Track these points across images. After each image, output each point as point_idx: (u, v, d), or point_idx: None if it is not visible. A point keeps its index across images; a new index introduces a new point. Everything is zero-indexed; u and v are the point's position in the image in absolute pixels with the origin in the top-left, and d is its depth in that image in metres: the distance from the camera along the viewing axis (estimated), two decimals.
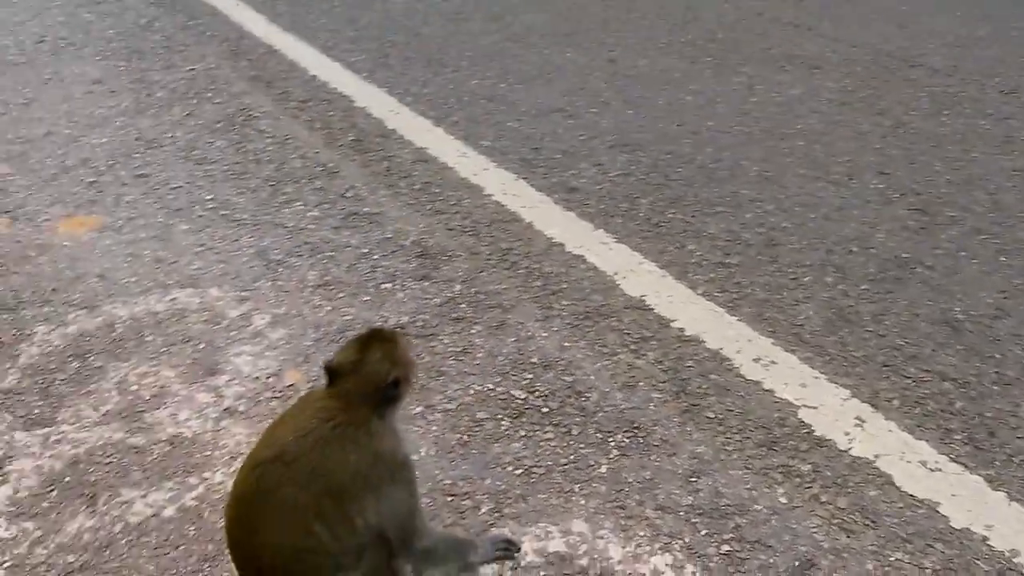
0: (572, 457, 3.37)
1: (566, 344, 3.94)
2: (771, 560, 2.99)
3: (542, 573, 2.92)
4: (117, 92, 6.25)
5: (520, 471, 3.30)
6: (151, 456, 3.33)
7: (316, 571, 2.48)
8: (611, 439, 3.46)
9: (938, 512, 3.18)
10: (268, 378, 3.71)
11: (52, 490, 3.18)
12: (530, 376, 3.75)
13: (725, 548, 3.03)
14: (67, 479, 3.23)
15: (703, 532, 3.08)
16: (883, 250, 4.61)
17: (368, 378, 2.54)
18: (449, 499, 3.18)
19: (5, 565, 2.89)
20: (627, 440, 3.45)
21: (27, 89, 6.26)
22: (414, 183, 5.19)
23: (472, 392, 3.66)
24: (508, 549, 2.97)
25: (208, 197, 5.00)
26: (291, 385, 3.67)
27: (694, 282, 4.36)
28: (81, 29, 7.39)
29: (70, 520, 3.07)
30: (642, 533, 3.07)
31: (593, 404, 3.62)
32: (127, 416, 3.50)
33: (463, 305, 4.17)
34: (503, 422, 3.52)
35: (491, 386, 3.70)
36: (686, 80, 6.63)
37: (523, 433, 3.47)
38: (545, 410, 3.59)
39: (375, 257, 4.50)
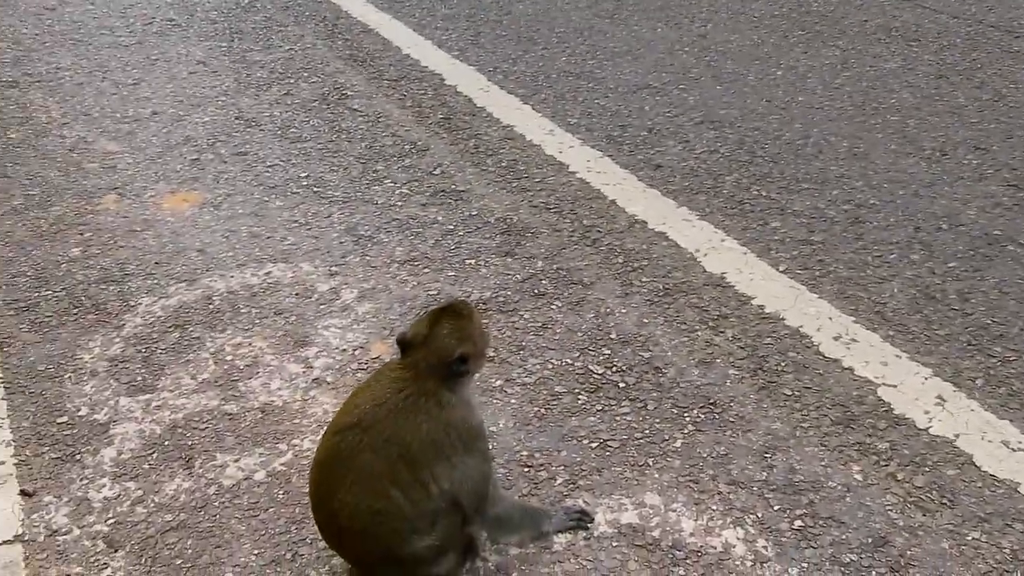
0: (647, 431, 3.43)
1: (645, 320, 3.99)
2: (844, 536, 3.01)
3: (614, 544, 2.99)
4: (219, 72, 6.48)
5: (596, 444, 3.38)
6: (244, 423, 3.50)
7: (392, 534, 2.61)
8: (687, 414, 3.50)
9: (1019, 492, 3.15)
10: (355, 350, 3.85)
11: (152, 453, 3.38)
12: (608, 351, 3.81)
13: (798, 523, 3.06)
14: (166, 443, 3.42)
15: (776, 507, 3.11)
16: (974, 227, 4.53)
17: (436, 352, 2.64)
18: (525, 470, 3.27)
19: (108, 522, 3.09)
20: (703, 416, 3.50)
21: (135, 70, 6.53)
22: (501, 160, 5.27)
23: (551, 366, 3.74)
24: (582, 519, 3.05)
25: (302, 174, 5.17)
26: (377, 357, 3.80)
27: (776, 260, 4.35)
28: (187, 11, 7.65)
29: (168, 481, 3.25)
30: (715, 507, 3.12)
31: (670, 380, 3.66)
32: (222, 384, 3.68)
33: (544, 281, 4.25)
34: (580, 396, 3.60)
35: (569, 361, 3.77)
36: (777, 54, 6.56)
37: (600, 407, 3.54)
38: (622, 385, 3.65)
39: (460, 233, 4.60)
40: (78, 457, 3.35)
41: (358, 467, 2.56)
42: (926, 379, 3.64)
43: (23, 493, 3.19)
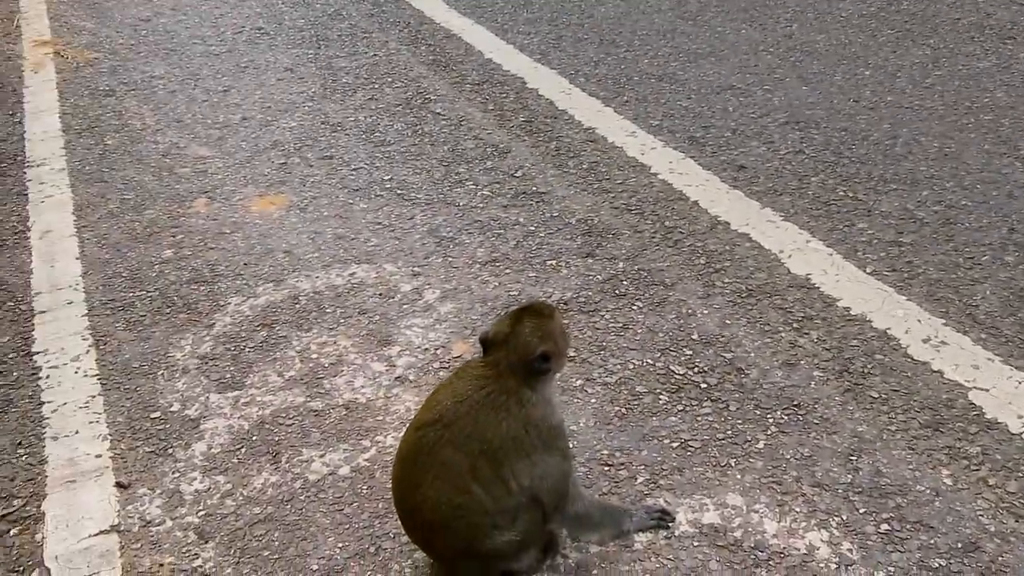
0: (729, 432, 3.40)
1: (727, 322, 3.95)
2: (932, 541, 2.94)
3: (696, 544, 2.98)
4: (305, 78, 6.61)
5: (677, 444, 3.36)
6: (328, 419, 3.57)
7: (474, 529, 2.64)
8: (770, 416, 3.47)
9: None
10: (436, 349, 3.90)
11: (241, 448, 3.46)
12: (690, 352, 3.79)
13: (884, 527, 3.00)
14: (254, 438, 3.50)
15: (861, 510, 3.06)
16: None
17: (517, 351, 2.66)
18: (606, 469, 3.27)
19: (199, 514, 3.18)
20: (786, 417, 3.45)
21: (225, 77, 6.69)
22: (582, 162, 5.28)
23: (632, 366, 3.74)
24: (663, 519, 3.04)
25: (386, 177, 5.25)
26: (458, 356, 3.84)
27: (863, 261, 4.28)
28: (275, 19, 7.82)
29: (256, 475, 3.33)
30: (798, 509, 3.08)
31: (752, 381, 3.63)
32: (308, 382, 3.76)
33: (625, 282, 4.24)
34: (661, 396, 3.58)
35: (651, 361, 3.76)
36: (865, 54, 6.44)
37: (681, 407, 3.52)
38: (704, 385, 3.62)
39: (541, 235, 4.62)
40: (170, 451, 3.45)
41: (440, 462, 2.60)
42: (1020, 383, 3.54)
43: (118, 485, 3.30)
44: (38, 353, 3.97)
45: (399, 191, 5.10)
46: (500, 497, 2.62)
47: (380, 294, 4.26)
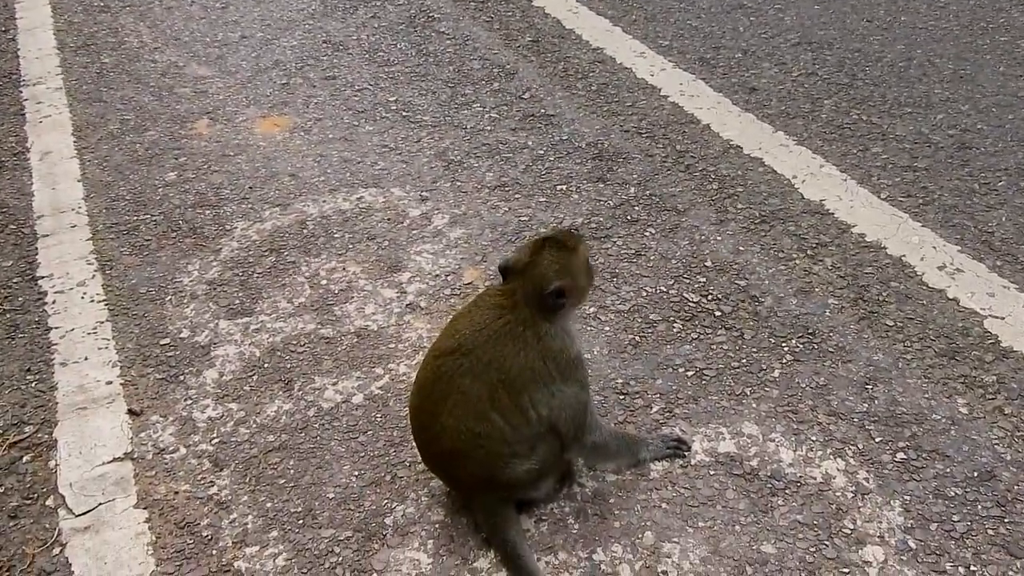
0: (744, 361, 3.38)
1: (741, 248, 3.91)
2: (948, 470, 2.94)
3: (712, 473, 2.98)
4: None
5: (692, 373, 3.34)
6: (340, 347, 3.54)
7: (492, 457, 2.63)
8: (785, 344, 3.44)
9: None
10: (447, 276, 3.85)
11: (253, 375, 3.44)
12: (703, 279, 3.76)
13: (900, 456, 3.00)
14: (266, 365, 3.47)
15: (878, 439, 3.06)
16: None
17: (533, 282, 2.60)
18: (621, 398, 3.26)
19: (213, 442, 3.17)
20: (801, 345, 3.43)
21: None
22: (591, 84, 5.18)
23: (645, 294, 3.70)
24: (679, 448, 3.04)
25: (391, 99, 5.15)
26: (469, 283, 3.80)
27: (878, 186, 4.22)
28: None
29: (269, 403, 3.31)
30: (814, 438, 3.08)
31: (767, 309, 3.60)
32: (318, 309, 3.72)
33: (637, 207, 4.18)
34: (675, 324, 3.56)
35: (664, 288, 3.73)
36: None
37: (695, 335, 3.50)
38: (718, 313, 3.60)
39: (551, 159, 4.55)
40: (181, 378, 3.42)
41: (459, 391, 2.57)
42: None
43: (131, 412, 3.28)
44: (43, 278, 3.91)
45: (405, 113, 5.01)
46: (519, 426, 2.61)
47: (388, 219, 4.20)
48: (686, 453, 3.03)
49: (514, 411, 2.60)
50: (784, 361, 3.37)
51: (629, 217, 4.12)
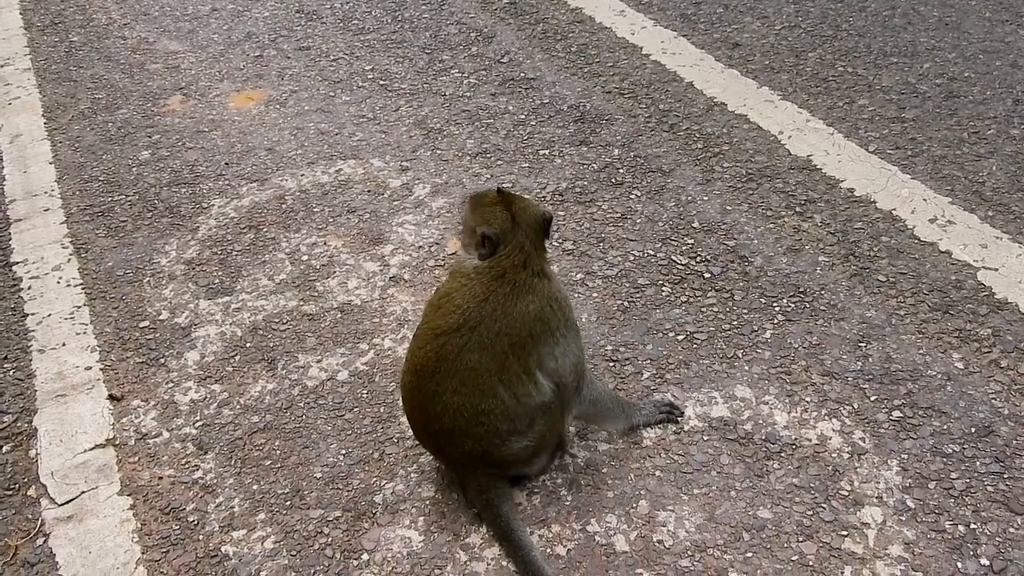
0: (735, 323, 3.33)
1: (728, 208, 3.84)
2: (945, 426, 2.90)
3: (705, 438, 2.93)
4: None
5: (682, 336, 3.28)
6: (324, 323, 3.47)
7: (491, 434, 2.58)
8: (775, 304, 3.39)
9: None
10: (430, 247, 3.78)
11: (235, 355, 3.37)
12: (691, 241, 3.69)
13: (896, 414, 2.95)
14: (248, 344, 3.40)
15: (872, 398, 3.01)
16: None
17: (531, 222, 2.61)
18: (611, 365, 3.20)
19: (196, 425, 3.10)
20: (792, 305, 3.38)
21: None
22: (570, 45, 5.08)
23: (632, 258, 3.64)
24: (671, 413, 2.99)
25: (367, 67, 5.04)
26: (453, 253, 3.72)
27: (865, 139, 4.15)
28: None
29: (252, 383, 3.25)
30: (808, 399, 3.03)
31: (756, 269, 3.54)
32: (300, 285, 3.65)
33: (622, 170, 4.10)
34: (664, 288, 3.49)
35: (651, 251, 3.66)
36: None
37: (684, 299, 3.44)
38: (707, 275, 3.53)
39: (532, 123, 4.46)
40: (162, 361, 3.35)
41: (465, 368, 2.52)
42: None
43: (111, 398, 3.20)
44: (17, 263, 3.82)
45: (382, 81, 4.90)
46: (524, 395, 2.56)
47: (369, 191, 4.11)
48: (679, 419, 2.98)
49: (521, 379, 2.56)
50: (775, 321, 3.32)
51: (614, 180, 4.04)
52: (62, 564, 2.68)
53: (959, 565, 2.53)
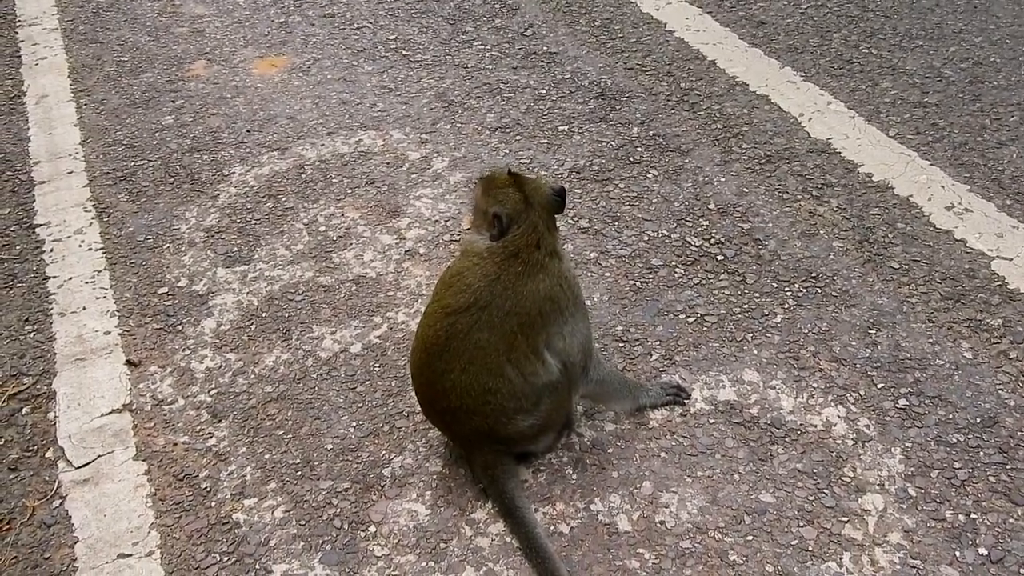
0: (746, 306, 3.34)
1: (745, 190, 3.84)
2: (951, 416, 2.91)
3: (711, 421, 2.96)
4: None
5: (693, 319, 3.31)
6: (339, 295, 3.51)
7: (498, 413, 2.62)
8: (787, 288, 3.40)
9: None
10: (447, 221, 3.81)
11: (251, 324, 3.42)
12: (706, 222, 3.70)
13: (902, 402, 2.97)
14: (264, 314, 3.45)
15: (880, 385, 3.03)
16: None
17: (542, 200, 2.64)
18: (621, 345, 3.23)
19: (211, 393, 3.16)
20: (804, 290, 3.39)
21: None
22: (594, 19, 5.06)
23: (647, 238, 3.65)
24: (678, 395, 3.02)
25: (390, 37, 5.05)
26: (470, 228, 3.74)
27: (886, 123, 4.13)
28: None
29: (267, 353, 3.30)
30: (815, 385, 3.05)
31: (770, 252, 3.55)
32: (316, 256, 3.69)
33: (640, 148, 4.11)
34: (677, 269, 3.51)
35: (666, 232, 3.67)
36: None
37: (697, 280, 3.46)
38: (720, 257, 3.55)
39: (553, 98, 4.46)
40: (180, 328, 3.41)
41: (474, 346, 2.55)
42: None
43: (129, 363, 3.27)
44: (40, 226, 3.89)
45: (404, 51, 4.91)
46: (531, 375, 2.59)
47: (387, 163, 4.14)
48: (685, 401, 3.01)
49: (529, 358, 2.59)
50: (786, 306, 3.33)
51: (631, 159, 4.05)
52: (77, 526, 2.75)
53: (957, 554, 2.56)
